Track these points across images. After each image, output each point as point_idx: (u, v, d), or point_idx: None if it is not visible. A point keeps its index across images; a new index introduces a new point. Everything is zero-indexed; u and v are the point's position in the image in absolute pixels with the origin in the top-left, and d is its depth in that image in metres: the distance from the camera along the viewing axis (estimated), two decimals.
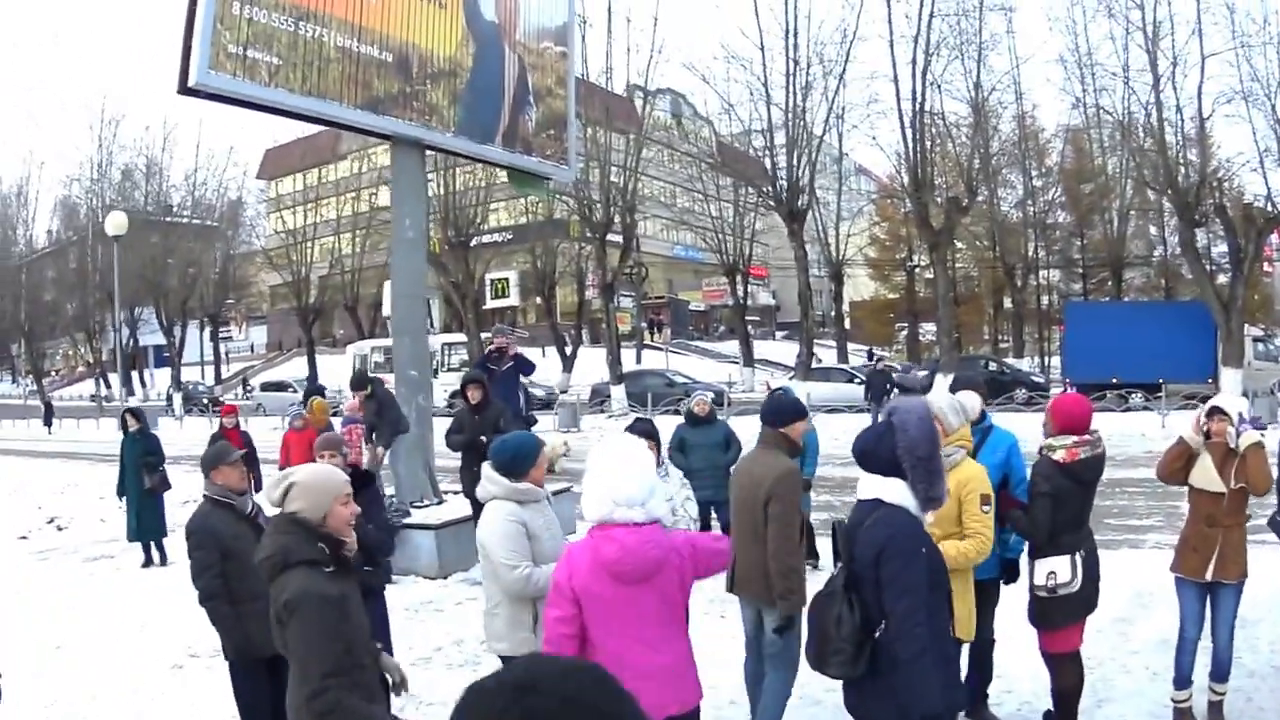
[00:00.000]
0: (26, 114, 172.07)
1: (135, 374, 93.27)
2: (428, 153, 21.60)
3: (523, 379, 20.70)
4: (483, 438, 15.48)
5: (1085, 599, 8.57)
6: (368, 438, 18.44)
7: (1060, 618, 8.58)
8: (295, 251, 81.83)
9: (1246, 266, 45.48)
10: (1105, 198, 69.08)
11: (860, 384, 47.46)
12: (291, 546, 5.96)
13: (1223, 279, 49.12)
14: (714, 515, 16.05)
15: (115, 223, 40.89)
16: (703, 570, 6.23)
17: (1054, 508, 8.35)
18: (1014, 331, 77.79)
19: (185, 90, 15.67)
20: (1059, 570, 8.40)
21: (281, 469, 21.02)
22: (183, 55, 15.51)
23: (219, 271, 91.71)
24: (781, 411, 9.22)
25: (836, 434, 28.30)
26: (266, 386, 73.67)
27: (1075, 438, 8.38)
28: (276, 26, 16.50)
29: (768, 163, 57.56)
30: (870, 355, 57.99)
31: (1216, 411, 9.38)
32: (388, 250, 21.43)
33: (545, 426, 37.97)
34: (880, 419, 6.58)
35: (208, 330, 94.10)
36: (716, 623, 12.42)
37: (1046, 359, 71.60)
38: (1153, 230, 71.46)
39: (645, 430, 9.47)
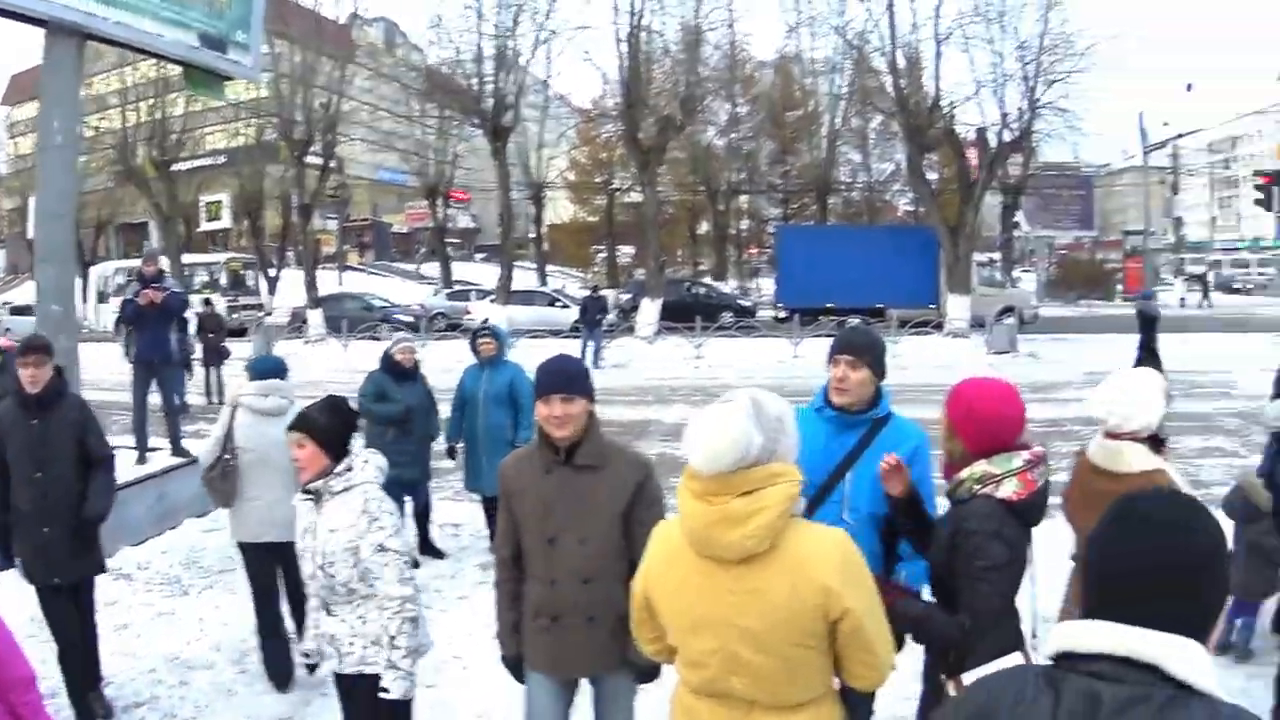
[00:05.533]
0: None
1: None
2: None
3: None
4: None
5: None
6: None
7: None
8: (25, 176, 76.94)
9: (978, 192, 43.99)
10: (813, 123, 68.90)
11: (563, 308, 46.08)
12: None
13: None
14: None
15: None
16: None
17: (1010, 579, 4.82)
18: (715, 255, 76.41)
19: None
20: None
21: None
22: None
23: None
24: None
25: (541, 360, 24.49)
26: (16, 310, 63.86)
27: (1025, 456, 4.84)
28: None
29: (475, 83, 53.81)
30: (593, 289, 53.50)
31: None
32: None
33: (241, 354, 32.67)
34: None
35: None
36: None
37: (745, 282, 71.53)
38: (856, 157, 71.19)
39: None
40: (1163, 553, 2.47)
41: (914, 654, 5.29)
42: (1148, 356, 24.91)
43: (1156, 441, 6.01)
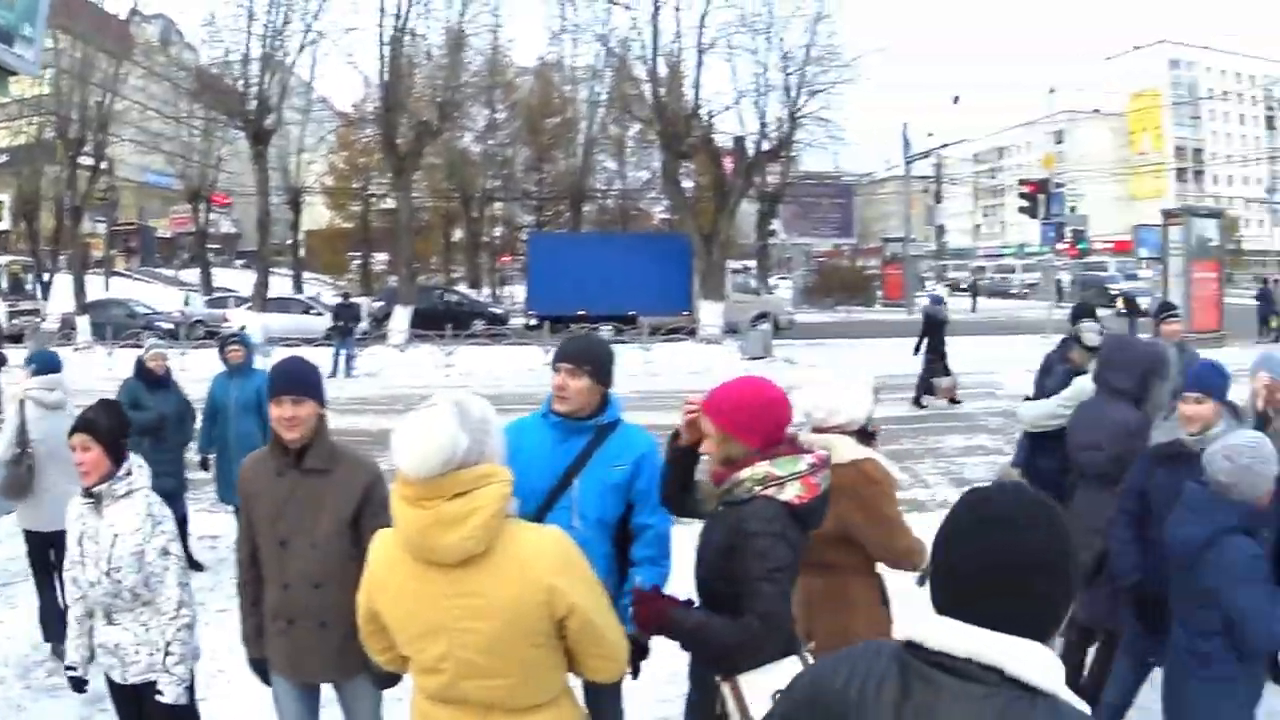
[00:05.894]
0: None
1: None
2: None
3: None
4: None
5: None
6: None
7: None
8: None
9: (734, 200, 44.70)
10: (570, 130, 69.51)
11: (318, 315, 45.72)
12: None
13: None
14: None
15: None
16: None
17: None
18: (468, 262, 76.04)
19: None
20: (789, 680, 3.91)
21: None
22: None
23: None
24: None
25: None
26: None
27: (809, 460, 4.68)
28: None
29: (242, 84, 53.17)
30: (345, 296, 52.46)
31: None
32: None
33: (17, 361, 32.43)
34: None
35: None
36: None
37: (497, 289, 71.99)
38: (612, 164, 71.84)
39: None
40: (993, 551, 2.50)
41: (670, 655, 5.20)
42: (936, 359, 26.21)
43: (866, 435, 6.10)
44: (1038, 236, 57.03)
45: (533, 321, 46.05)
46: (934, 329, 26.60)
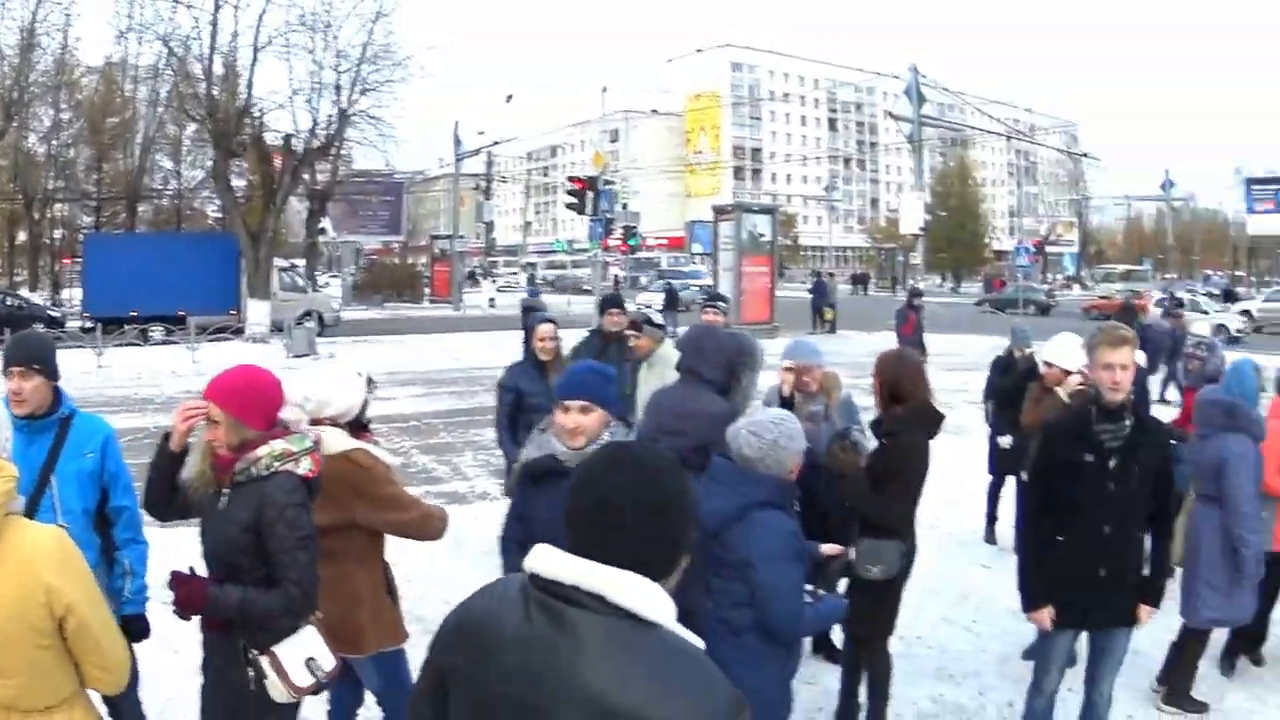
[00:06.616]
0: None
1: None
2: None
3: None
4: None
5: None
6: None
7: None
8: None
9: (280, 198, 45.40)
10: (129, 130, 68.29)
11: None
12: None
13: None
14: None
15: None
16: None
17: None
18: (30, 265, 74.44)
19: None
20: (317, 653, 5.03)
21: None
22: None
23: None
24: None
25: None
26: None
27: (312, 437, 5.15)
28: None
29: None
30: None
31: None
32: None
33: None
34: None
35: None
36: None
37: (57, 292, 69.67)
38: (169, 164, 71.09)
39: None
40: (613, 493, 2.71)
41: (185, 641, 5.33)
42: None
43: (361, 427, 6.14)
44: (585, 233, 58.29)
45: (88, 324, 43.12)
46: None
